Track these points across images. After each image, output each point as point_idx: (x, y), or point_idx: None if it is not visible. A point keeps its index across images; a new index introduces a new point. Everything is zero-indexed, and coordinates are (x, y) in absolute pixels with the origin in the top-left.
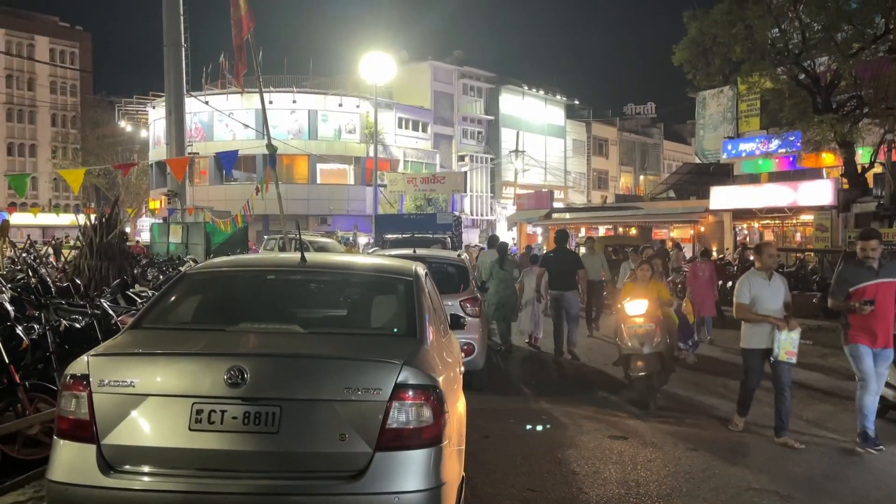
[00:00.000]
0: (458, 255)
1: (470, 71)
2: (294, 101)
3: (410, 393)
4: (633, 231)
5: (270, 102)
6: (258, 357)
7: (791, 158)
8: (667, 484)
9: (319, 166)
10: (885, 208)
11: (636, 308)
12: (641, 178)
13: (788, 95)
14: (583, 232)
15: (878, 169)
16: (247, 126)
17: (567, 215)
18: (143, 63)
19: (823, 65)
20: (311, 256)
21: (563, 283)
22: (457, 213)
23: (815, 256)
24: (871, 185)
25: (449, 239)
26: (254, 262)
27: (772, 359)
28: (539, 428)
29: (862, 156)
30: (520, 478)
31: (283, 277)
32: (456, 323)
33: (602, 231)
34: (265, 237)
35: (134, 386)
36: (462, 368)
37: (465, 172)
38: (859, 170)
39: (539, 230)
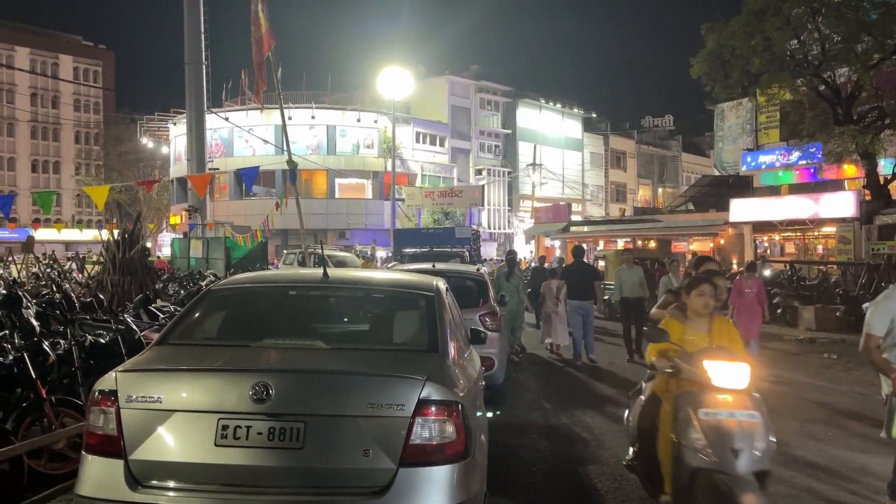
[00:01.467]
0: (478, 270)
1: (487, 85)
2: (313, 117)
3: (433, 409)
4: (652, 244)
5: (290, 118)
6: (283, 373)
7: (812, 170)
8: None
9: (338, 181)
10: None
11: (729, 375)
12: (660, 190)
13: (809, 107)
14: (601, 245)
15: None
16: (266, 142)
17: (585, 228)
18: (165, 80)
19: (844, 76)
20: (332, 272)
21: (580, 293)
22: (475, 227)
23: (838, 269)
24: (894, 197)
25: (467, 253)
26: (276, 279)
27: (882, 434)
28: (559, 443)
29: (884, 167)
30: (541, 493)
31: (306, 293)
32: (476, 338)
33: (621, 244)
34: (285, 252)
35: (161, 402)
36: (483, 383)
37: (483, 186)
38: (882, 181)
39: (557, 243)
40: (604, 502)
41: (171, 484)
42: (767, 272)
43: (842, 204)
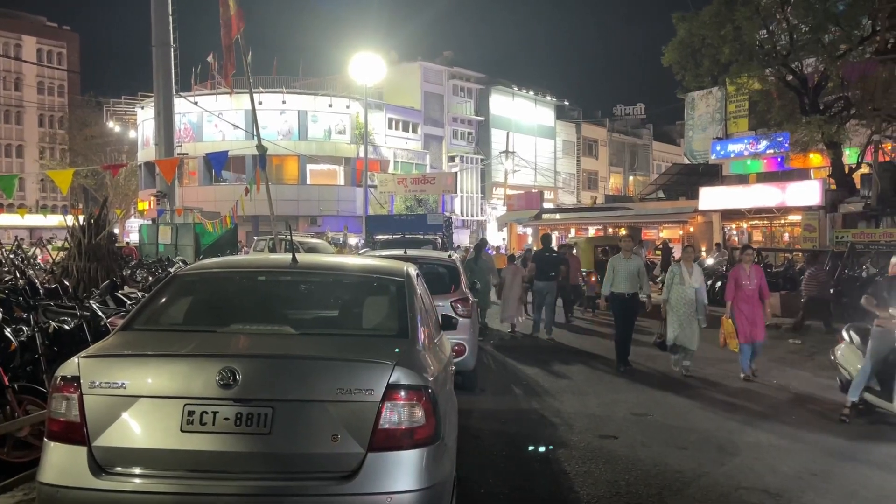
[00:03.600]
0: (449, 256)
1: (460, 72)
2: (284, 102)
3: (402, 393)
4: (623, 231)
5: (260, 103)
6: (250, 358)
7: (779, 159)
8: (657, 483)
9: (309, 167)
10: (871, 209)
11: None
12: (631, 178)
13: (776, 97)
14: (573, 233)
15: (865, 169)
16: (236, 126)
17: (557, 216)
18: (132, 63)
19: (811, 66)
20: (302, 257)
21: (545, 276)
22: (447, 214)
23: (803, 256)
24: (858, 186)
25: (440, 240)
26: (245, 264)
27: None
28: (529, 427)
29: (849, 156)
30: (511, 477)
31: (275, 279)
32: (447, 324)
33: (592, 231)
34: (255, 238)
35: (125, 388)
36: (453, 368)
37: (456, 173)
38: (846, 170)
39: (529, 231)
40: (573, 485)
41: (136, 470)
42: (709, 261)
43: (807, 192)
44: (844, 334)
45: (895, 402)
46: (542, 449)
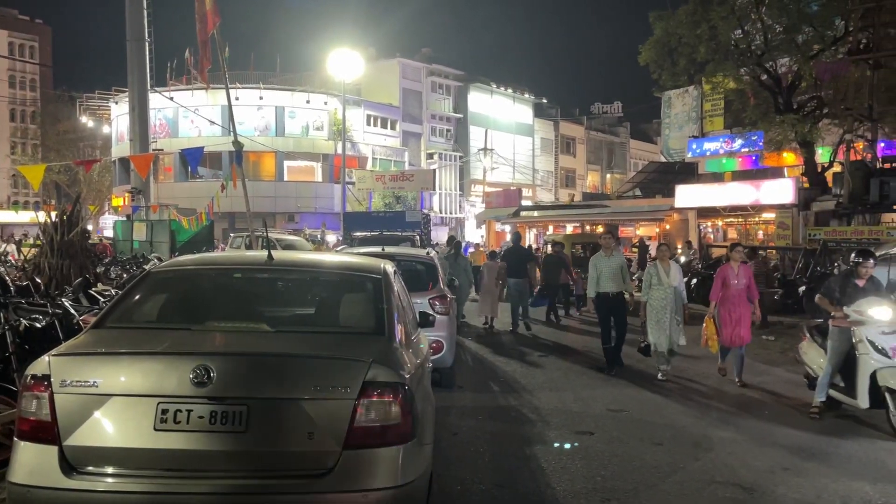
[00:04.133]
0: (427, 253)
1: (438, 69)
2: (261, 98)
3: (379, 391)
4: (600, 229)
5: (237, 99)
6: (225, 356)
7: (754, 158)
8: (633, 478)
9: (287, 163)
10: (843, 207)
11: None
12: (608, 176)
13: (751, 96)
14: (551, 230)
15: (837, 168)
16: (213, 122)
17: (535, 213)
18: (106, 57)
19: (785, 66)
20: (278, 254)
21: (517, 272)
22: (426, 211)
23: (776, 254)
24: (830, 184)
25: (418, 237)
26: (220, 261)
27: None
28: (506, 424)
29: (822, 155)
30: (488, 474)
31: (250, 276)
32: (425, 321)
33: (570, 229)
34: (231, 235)
35: (97, 386)
36: (431, 366)
37: (434, 170)
38: (819, 169)
39: (507, 228)
40: (550, 480)
41: (109, 470)
42: (681, 259)
43: (781, 191)
44: (806, 332)
45: (858, 397)
46: (519, 445)
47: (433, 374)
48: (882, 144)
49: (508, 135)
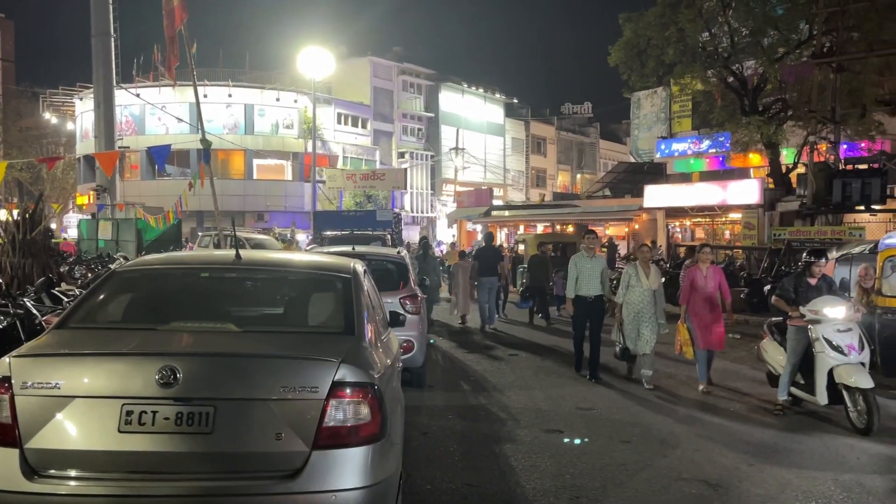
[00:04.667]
0: (398, 253)
1: (410, 67)
2: (230, 96)
3: (348, 391)
4: (571, 229)
5: (205, 96)
6: (191, 356)
7: (721, 158)
8: (601, 476)
9: (256, 162)
10: (807, 207)
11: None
12: (578, 176)
13: (718, 97)
14: (521, 229)
15: (801, 169)
16: (180, 120)
17: (506, 213)
18: (71, 53)
19: (751, 68)
20: (246, 254)
21: (488, 271)
22: (397, 211)
23: (742, 253)
24: (794, 185)
25: (389, 236)
26: (187, 260)
27: None
28: (477, 423)
29: (786, 157)
30: (458, 473)
31: (218, 275)
32: (395, 320)
33: (540, 228)
34: (199, 234)
35: (59, 388)
36: (401, 365)
37: (406, 169)
38: (784, 170)
39: (479, 228)
40: (519, 479)
41: (72, 473)
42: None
43: (747, 191)
44: (767, 330)
45: (818, 395)
46: (488, 444)
47: (404, 373)
48: (844, 146)
49: (480, 134)
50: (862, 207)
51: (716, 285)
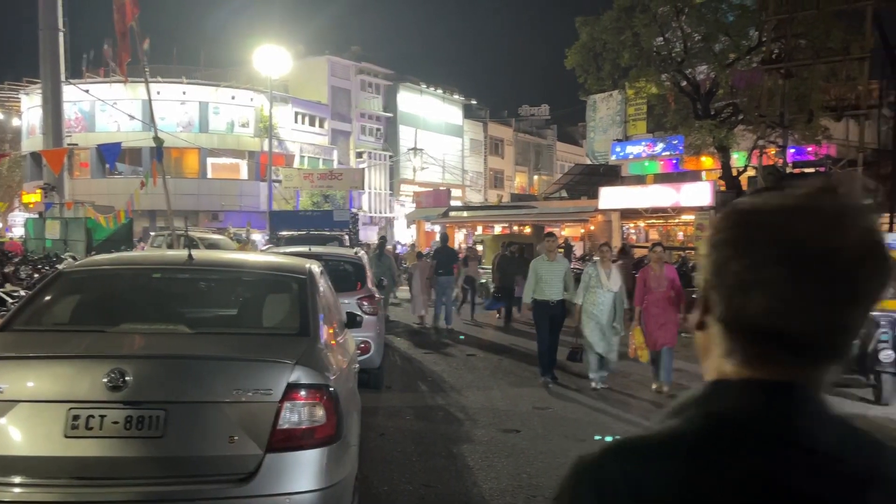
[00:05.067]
0: (356, 253)
1: (368, 67)
2: (184, 93)
3: (303, 393)
4: (528, 230)
5: (158, 93)
6: (141, 359)
7: (675, 161)
8: (557, 474)
9: (211, 160)
10: None
11: None
12: (536, 177)
13: (672, 101)
14: (479, 230)
15: (751, 172)
16: (132, 117)
17: (464, 213)
18: (17, 47)
19: (703, 73)
20: (199, 254)
21: (444, 271)
22: (354, 211)
23: (695, 254)
24: (745, 188)
25: (347, 237)
26: (137, 260)
27: None
28: (434, 423)
29: (737, 160)
30: (415, 474)
31: (170, 276)
32: (352, 321)
33: (498, 229)
34: (151, 234)
35: (2, 392)
36: (358, 367)
37: (364, 169)
38: (735, 173)
39: (437, 228)
40: (476, 479)
41: (16, 479)
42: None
43: (699, 193)
44: None
45: None
46: (446, 444)
47: (361, 374)
48: (792, 150)
49: (438, 135)
50: None
51: (669, 286)
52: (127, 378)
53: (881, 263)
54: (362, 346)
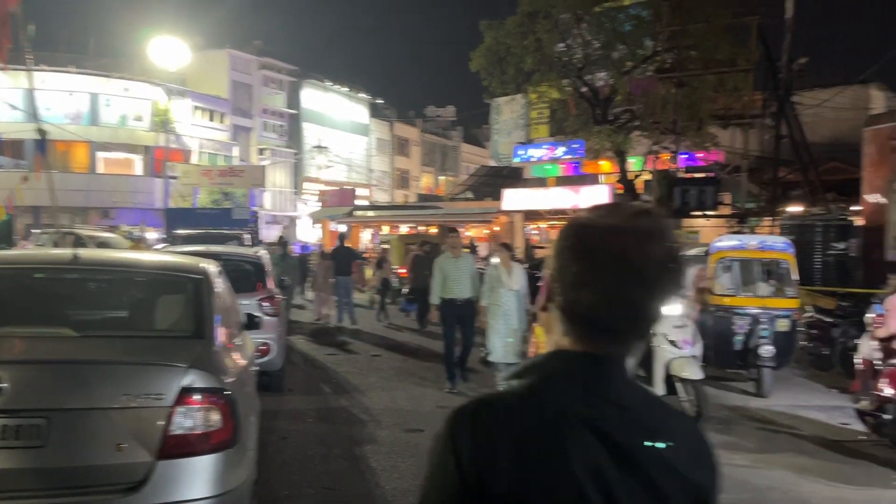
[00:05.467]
0: (256, 253)
1: (271, 62)
2: (72, 83)
3: (197, 397)
4: (434, 230)
5: (43, 82)
6: (18, 364)
7: (575, 165)
8: None
9: (102, 155)
10: None
11: None
12: (441, 178)
13: (573, 106)
14: (385, 230)
15: (647, 176)
16: (14, 107)
17: (370, 213)
18: None
19: (602, 80)
20: (86, 253)
21: (341, 271)
22: (255, 209)
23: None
24: (640, 191)
25: (249, 236)
26: (17, 259)
27: None
28: (337, 425)
29: (634, 164)
30: (317, 477)
31: (54, 276)
32: (251, 323)
33: (405, 229)
34: (35, 232)
35: None
36: (257, 369)
37: (265, 167)
38: (631, 177)
39: (342, 227)
40: (379, 480)
41: None
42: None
43: (598, 196)
44: None
45: (656, 385)
46: (349, 446)
47: (262, 377)
48: (684, 156)
49: (344, 133)
50: (698, 213)
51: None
52: (2, 385)
53: (677, 271)
54: (262, 348)
